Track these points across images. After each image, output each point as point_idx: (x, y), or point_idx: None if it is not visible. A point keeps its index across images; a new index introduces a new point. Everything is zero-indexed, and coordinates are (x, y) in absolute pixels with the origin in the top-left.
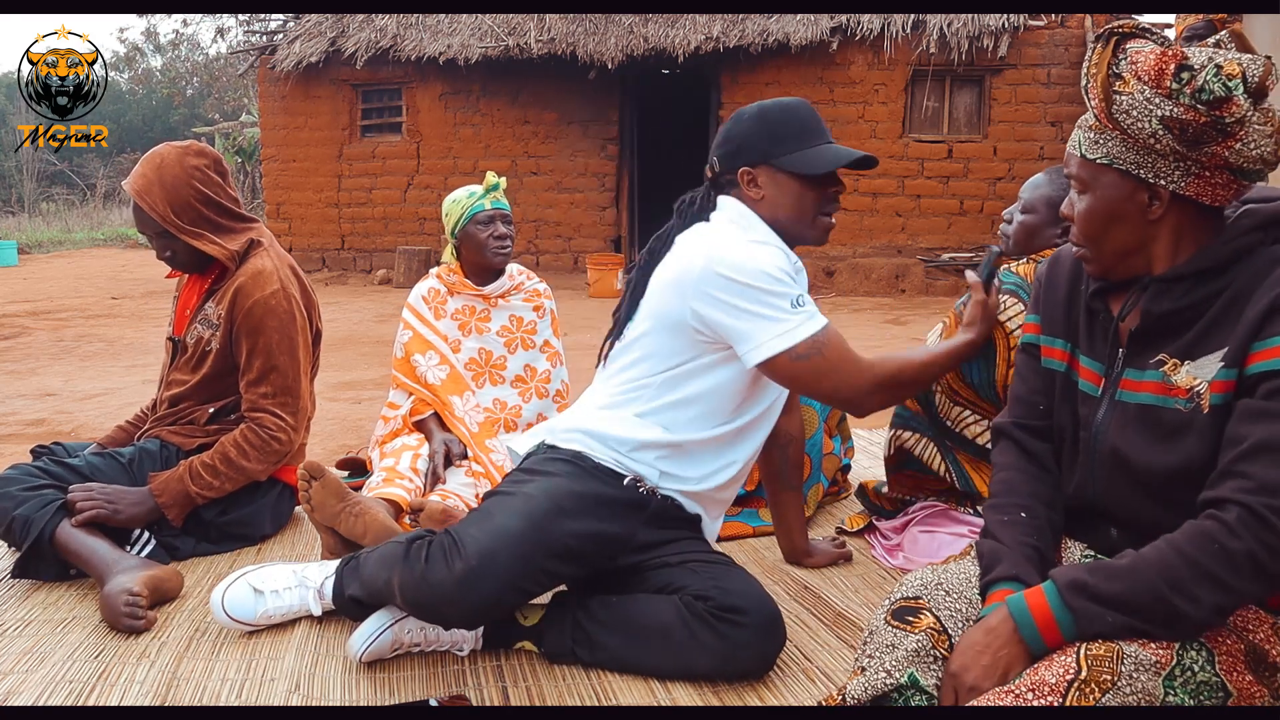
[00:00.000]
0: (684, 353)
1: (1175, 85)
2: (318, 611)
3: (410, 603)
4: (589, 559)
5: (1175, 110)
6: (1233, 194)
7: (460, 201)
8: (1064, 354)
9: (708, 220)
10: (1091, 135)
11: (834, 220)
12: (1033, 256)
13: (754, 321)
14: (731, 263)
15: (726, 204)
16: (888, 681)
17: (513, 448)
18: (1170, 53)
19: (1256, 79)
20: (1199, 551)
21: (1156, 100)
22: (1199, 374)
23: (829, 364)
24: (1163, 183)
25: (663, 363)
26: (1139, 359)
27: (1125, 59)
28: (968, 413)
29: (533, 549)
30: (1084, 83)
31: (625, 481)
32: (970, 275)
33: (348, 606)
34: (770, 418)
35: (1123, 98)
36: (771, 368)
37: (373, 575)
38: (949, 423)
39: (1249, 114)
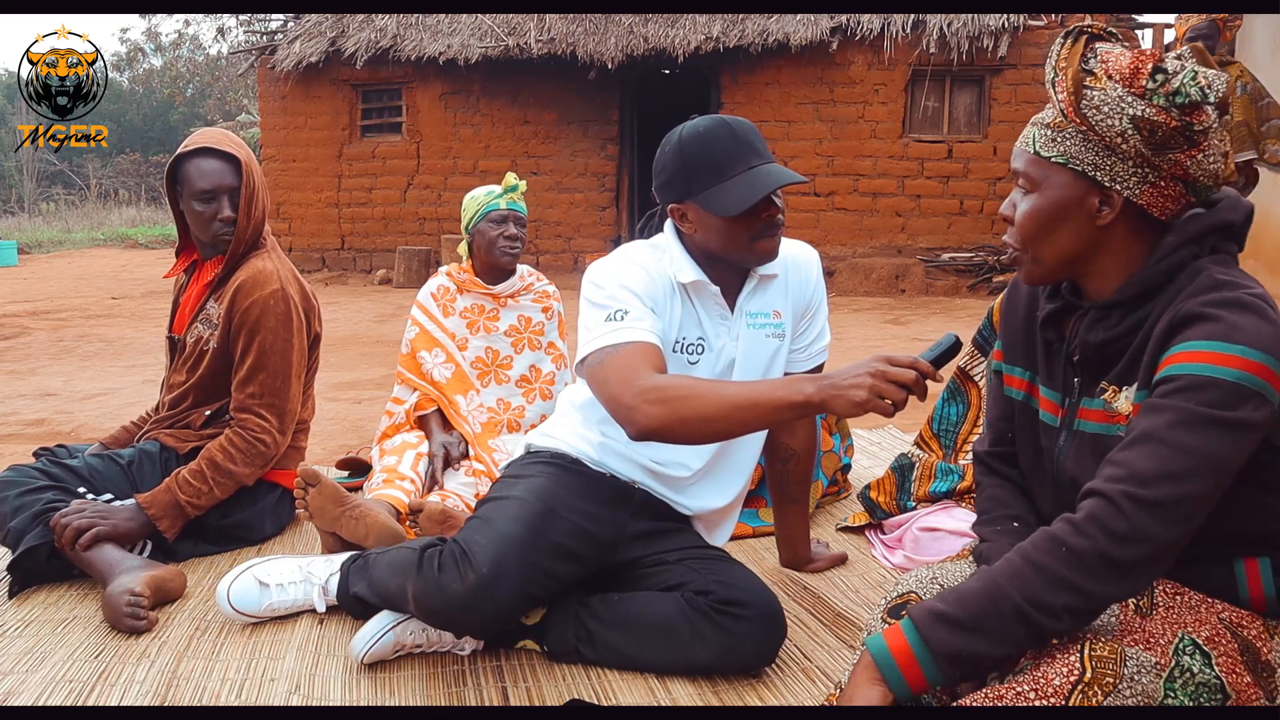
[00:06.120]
0: None
1: (1150, 85)
2: (322, 608)
3: (426, 612)
4: (587, 557)
5: (1147, 111)
6: (1180, 209)
7: (478, 198)
8: (1023, 382)
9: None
10: (1048, 133)
11: (776, 239)
12: None
13: (581, 330)
14: (589, 276)
15: (666, 226)
16: None
17: (513, 450)
18: (1147, 53)
19: (1222, 92)
20: (1048, 558)
21: (1129, 99)
22: (1136, 399)
23: (605, 374)
24: (1118, 187)
25: None
26: (1090, 388)
27: (1095, 57)
28: None
29: (535, 553)
30: (1050, 77)
31: (606, 476)
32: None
33: (351, 604)
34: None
35: (1094, 93)
36: (583, 374)
37: (384, 580)
38: None
39: (1214, 125)
